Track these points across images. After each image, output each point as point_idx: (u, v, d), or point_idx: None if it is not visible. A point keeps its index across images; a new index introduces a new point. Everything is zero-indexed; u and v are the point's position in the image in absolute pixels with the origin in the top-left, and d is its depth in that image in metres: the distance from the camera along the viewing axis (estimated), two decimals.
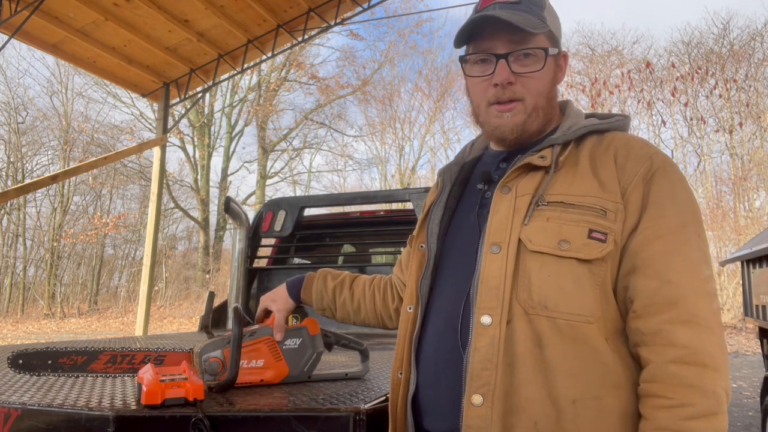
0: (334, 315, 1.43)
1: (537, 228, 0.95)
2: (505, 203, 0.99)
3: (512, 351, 0.92)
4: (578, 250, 0.92)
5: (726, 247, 16.22)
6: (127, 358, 1.30)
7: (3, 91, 21.87)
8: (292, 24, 7.53)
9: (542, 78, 1.05)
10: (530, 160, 1.01)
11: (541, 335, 0.91)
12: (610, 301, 0.94)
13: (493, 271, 0.95)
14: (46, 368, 1.28)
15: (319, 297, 1.41)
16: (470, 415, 0.91)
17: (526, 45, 1.03)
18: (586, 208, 0.94)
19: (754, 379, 7.66)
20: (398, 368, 1.10)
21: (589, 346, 0.90)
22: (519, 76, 1.03)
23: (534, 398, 0.89)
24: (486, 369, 0.91)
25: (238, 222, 3.47)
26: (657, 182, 0.95)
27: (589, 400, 0.89)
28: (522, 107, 1.05)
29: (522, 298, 0.93)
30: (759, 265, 4.65)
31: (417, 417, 1.07)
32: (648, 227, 0.93)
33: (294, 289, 1.41)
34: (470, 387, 0.92)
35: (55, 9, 6.21)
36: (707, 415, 0.83)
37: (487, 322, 0.93)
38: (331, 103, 23.74)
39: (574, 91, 20.02)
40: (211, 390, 1.26)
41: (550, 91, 1.08)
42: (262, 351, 1.34)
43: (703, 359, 0.85)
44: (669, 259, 0.90)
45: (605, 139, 1.03)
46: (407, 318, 1.11)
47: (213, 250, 21.83)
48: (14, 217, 21.76)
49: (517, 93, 1.04)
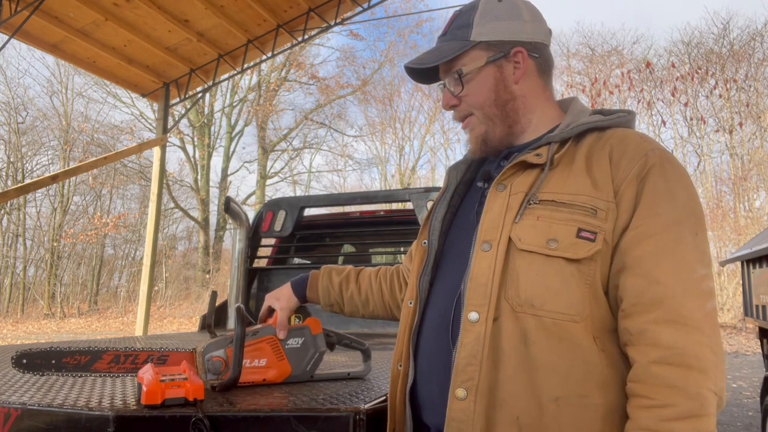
0: (342, 310, 1.43)
1: (527, 227, 0.96)
2: (499, 201, 1.01)
3: (498, 347, 0.93)
4: (566, 249, 0.93)
5: (726, 247, 16.23)
6: (131, 358, 1.31)
7: (3, 91, 21.92)
8: (292, 24, 7.53)
9: (476, 91, 1.10)
10: (525, 158, 1.01)
11: (527, 333, 0.92)
12: (600, 300, 0.94)
13: (482, 269, 0.97)
14: (50, 368, 1.28)
15: (326, 293, 1.41)
16: (454, 408, 0.94)
17: (453, 68, 1.11)
18: (576, 207, 0.94)
19: (754, 379, 7.66)
20: (398, 361, 1.12)
21: (575, 345, 0.91)
22: (459, 96, 1.12)
23: (517, 394, 0.91)
24: (470, 364, 0.93)
25: (238, 222, 3.47)
26: (651, 180, 0.94)
27: (572, 398, 0.89)
28: (476, 120, 1.12)
29: (510, 296, 0.94)
30: (759, 265, 4.65)
31: (415, 410, 1.09)
32: (639, 225, 0.92)
33: (299, 287, 1.41)
34: (455, 381, 0.95)
35: (55, 9, 6.21)
36: (690, 417, 0.82)
37: (474, 319, 0.95)
38: (331, 103, 23.76)
39: (574, 91, 20.03)
40: (214, 389, 1.27)
41: (498, 97, 1.09)
42: (264, 350, 1.34)
43: (687, 360, 0.83)
44: (658, 258, 0.89)
45: (604, 136, 1.02)
46: (407, 312, 1.13)
47: (213, 250, 21.83)
48: (14, 217, 21.76)
49: (462, 111, 1.13)
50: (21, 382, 1.38)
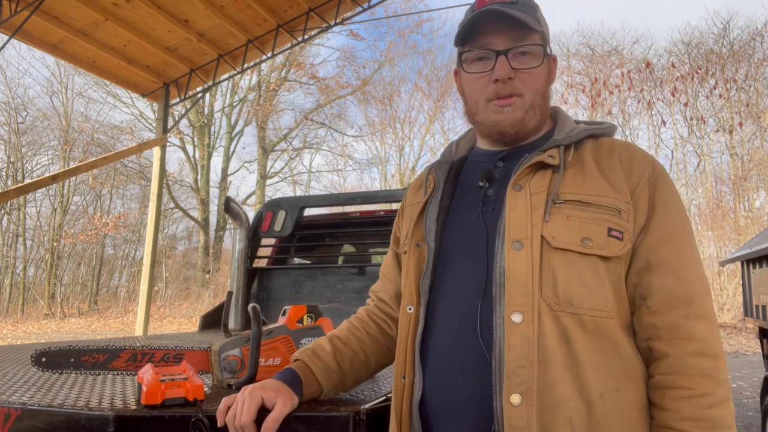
0: (345, 383, 1.20)
1: (559, 225, 0.96)
2: (521, 200, 1.00)
3: (543, 348, 0.92)
4: (601, 247, 0.95)
5: (726, 247, 16.22)
6: (147, 356, 1.32)
7: (3, 91, 21.91)
8: (292, 24, 7.53)
9: (540, 75, 1.08)
10: (541, 159, 1.02)
11: (568, 331, 0.92)
12: (623, 297, 0.98)
13: (519, 268, 0.95)
14: (68, 366, 1.30)
15: (327, 377, 1.16)
16: (511, 415, 0.90)
17: (524, 42, 1.05)
18: (603, 207, 0.97)
19: (754, 379, 7.66)
20: (401, 373, 1.06)
21: (611, 341, 0.94)
22: (518, 72, 1.05)
23: (567, 395, 0.90)
24: (522, 366, 0.91)
25: (238, 222, 3.46)
26: (661, 186, 1.01)
27: (612, 393, 0.91)
28: (521, 103, 1.07)
29: (547, 295, 0.94)
30: (759, 265, 4.65)
31: (425, 422, 1.02)
32: (661, 227, 0.98)
33: (293, 384, 1.10)
34: (508, 386, 0.91)
35: (55, 9, 6.21)
36: (723, 402, 0.89)
37: (519, 320, 0.93)
38: (331, 103, 23.75)
39: (574, 91, 20.04)
40: (230, 387, 1.28)
41: (546, 89, 1.11)
42: (279, 349, 1.36)
43: (716, 351, 0.91)
44: (682, 257, 0.96)
45: (603, 143, 1.07)
46: (408, 319, 1.07)
47: (213, 250, 21.82)
48: (14, 217, 21.75)
49: (516, 88, 1.06)
50: (21, 382, 1.38)
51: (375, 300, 1.29)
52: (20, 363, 1.82)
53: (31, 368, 1.51)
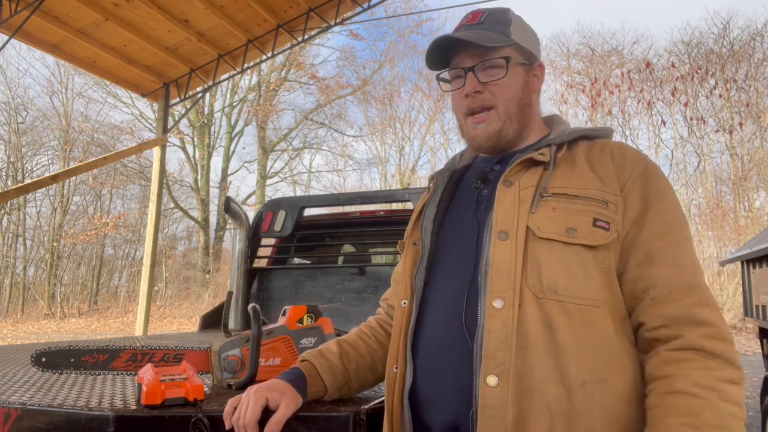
0: (350, 386, 1.21)
1: (544, 217, 1.00)
2: (510, 195, 1.04)
3: (524, 334, 0.94)
4: (585, 237, 0.97)
5: (726, 247, 16.21)
6: (147, 357, 1.33)
7: (3, 91, 21.85)
8: (292, 24, 7.53)
9: (509, 84, 1.12)
10: (531, 156, 1.06)
11: (552, 319, 0.94)
12: (614, 288, 0.99)
13: (503, 256, 0.98)
14: (68, 366, 1.30)
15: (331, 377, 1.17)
16: (486, 395, 0.92)
17: (489, 56, 1.11)
18: (588, 199, 1.00)
19: (754, 379, 7.65)
20: (393, 363, 1.10)
21: (597, 330, 0.94)
22: (487, 85, 1.11)
23: (546, 380, 0.91)
24: (500, 349, 0.93)
25: (238, 222, 3.47)
26: (654, 180, 1.03)
27: (596, 382, 0.92)
28: (495, 115, 1.12)
29: (531, 283, 0.96)
30: (759, 265, 4.65)
31: (415, 412, 1.06)
32: (657, 221, 0.99)
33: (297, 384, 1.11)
34: (485, 368, 0.93)
35: (55, 9, 6.21)
36: (737, 382, 0.90)
37: (500, 305, 0.95)
38: (331, 103, 23.75)
39: (574, 91, 20.04)
40: (230, 387, 1.28)
41: (522, 97, 1.14)
42: (279, 349, 1.36)
43: (727, 335, 0.93)
44: (679, 249, 0.98)
45: (597, 144, 1.11)
46: (402, 312, 1.11)
47: (213, 250, 21.83)
48: (14, 217, 21.76)
49: (486, 101, 1.12)
50: (21, 382, 1.38)
51: (386, 308, 1.32)
52: (20, 363, 1.82)
53: (31, 368, 1.51)
